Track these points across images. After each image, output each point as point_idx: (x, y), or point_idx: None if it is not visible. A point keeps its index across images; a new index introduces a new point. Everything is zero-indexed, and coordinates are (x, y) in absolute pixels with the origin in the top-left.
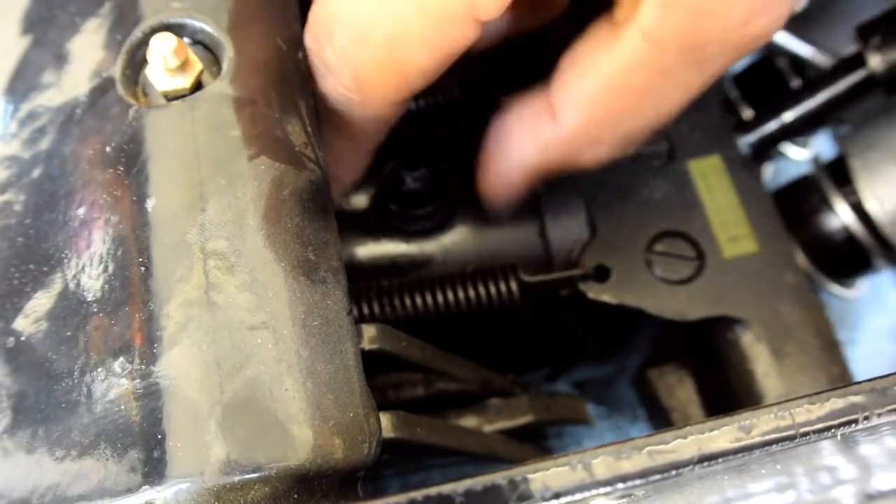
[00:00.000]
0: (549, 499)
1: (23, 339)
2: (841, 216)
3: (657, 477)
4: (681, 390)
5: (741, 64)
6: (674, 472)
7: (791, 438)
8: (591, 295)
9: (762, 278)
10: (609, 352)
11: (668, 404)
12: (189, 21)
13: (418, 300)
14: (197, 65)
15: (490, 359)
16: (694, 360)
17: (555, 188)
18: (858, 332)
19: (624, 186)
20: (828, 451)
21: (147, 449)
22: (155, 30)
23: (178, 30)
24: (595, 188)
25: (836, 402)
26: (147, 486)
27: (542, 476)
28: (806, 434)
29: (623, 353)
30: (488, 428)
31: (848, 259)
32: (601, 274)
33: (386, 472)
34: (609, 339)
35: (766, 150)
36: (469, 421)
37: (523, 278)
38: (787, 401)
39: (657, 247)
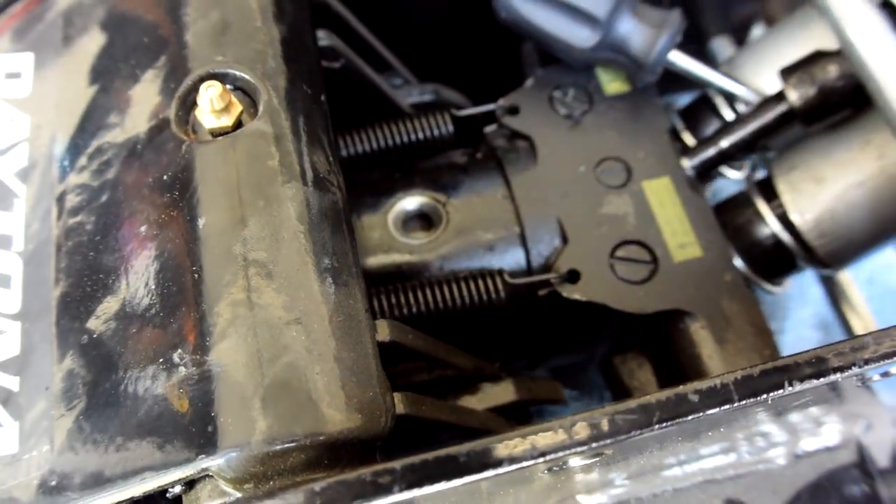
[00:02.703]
0: (536, 457)
1: (95, 336)
2: (770, 226)
3: (623, 437)
4: (641, 373)
5: (685, 100)
6: (636, 434)
7: (729, 402)
8: (565, 294)
9: (706, 278)
10: (580, 342)
11: (630, 385)
12: (231, 71)
13: (422, 299)
14: (238, 107)
15: (481, 349)
16: (651, 348)
17: (532, 205)
18: (787, 321)
19: (591, 203)
20: (763, 419)
21: (202, 424)
22: (203, 78)
23: (221, 78)
24: (567, 205)
25: (768, 374)
26: (203, 455)
27: (531, 439)
28: (743, 398)
29: (592, 343)
30: (480, 406)
31: (776, 261)
32: (573, 276)
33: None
34: (580, 331)
35: (708, 171)
36: (464, 401)
37: (508, 281)
38: (727, 373)
39: (619, 253)
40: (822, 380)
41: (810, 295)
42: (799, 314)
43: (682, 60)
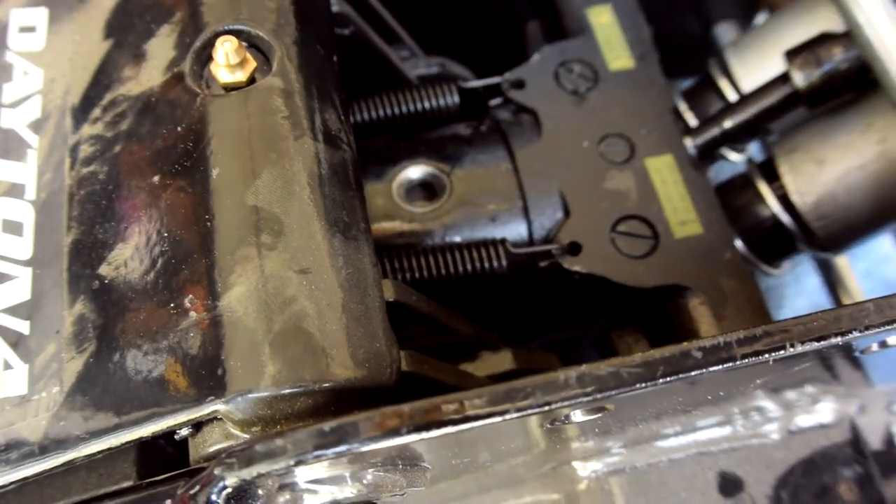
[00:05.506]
0: (542, 405)
1: (106, 282)
2: (770, 207)
3: (627, 390)
4: (637, 348)
5: (689, 81)
6: (639, 387)
7: (732, 359)
8: (566, 265)
9: (706, 255)
10: (578, 315)
11: None
12: (246, 28)
13: (424, 264)
14: (252, 63)
15: (480, 319)
16: (648, 323)
17: (535, 178)
18: (782, 310)
19: (593, 178)
20: (758, 394)
21: (212, 368)
22: (219, 34)
23: (237, 34)
24: (569, 179)
25: (770, 334)
26: (213, 397)
27: (537, 388)
28: (745, 357)
29: (590, 317)
30: (479, 373)
31: (776, 243)
32: (574, 249)
33: None
34: (579, 304)
35: (710, 151)
36: (462, 367)
37: (510, 249)
38: (729, 333)
39: (620, 227)
40: (823, 342)
41: (806, 284)
42: (795, 303)
43: None
